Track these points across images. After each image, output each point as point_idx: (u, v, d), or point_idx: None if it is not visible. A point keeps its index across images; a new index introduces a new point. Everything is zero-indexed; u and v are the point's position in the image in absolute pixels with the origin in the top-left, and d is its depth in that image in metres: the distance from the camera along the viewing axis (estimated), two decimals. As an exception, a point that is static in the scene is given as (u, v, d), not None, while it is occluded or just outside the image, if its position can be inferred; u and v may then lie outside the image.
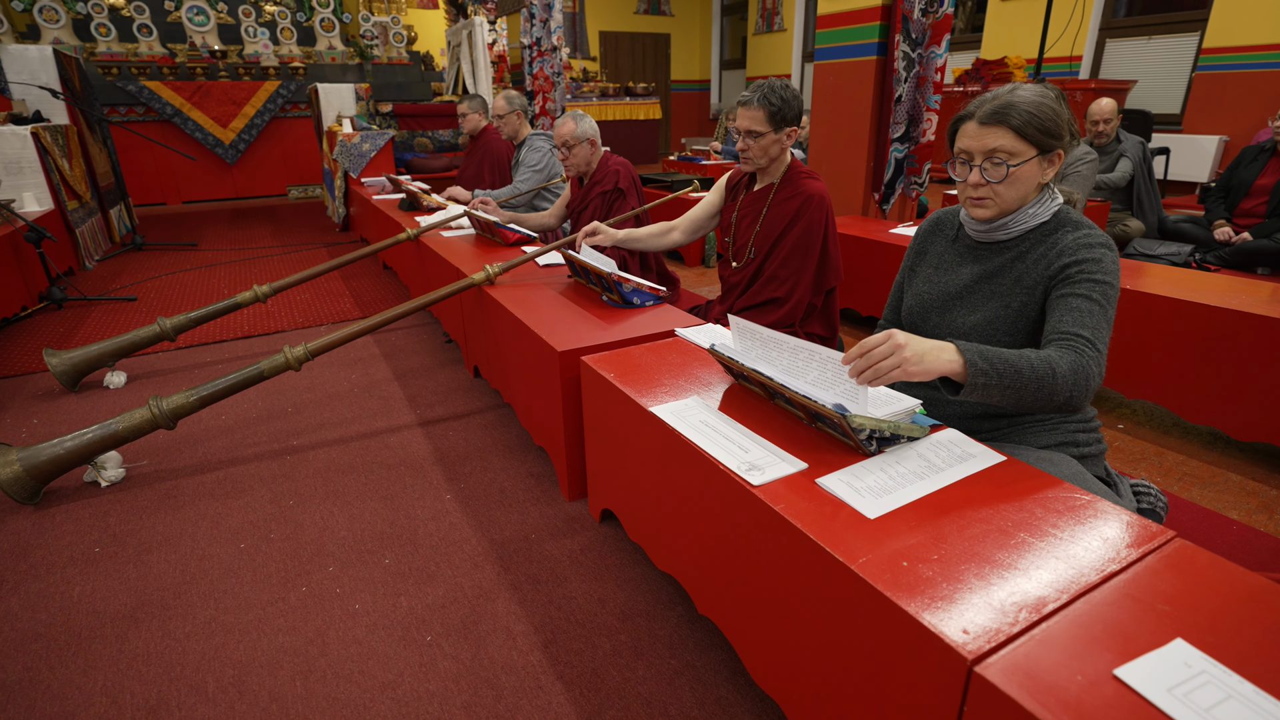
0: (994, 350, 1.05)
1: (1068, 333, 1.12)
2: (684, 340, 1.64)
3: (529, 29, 5.89)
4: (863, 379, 1.03)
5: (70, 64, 4.77)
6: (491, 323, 2.10)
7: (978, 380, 1.02)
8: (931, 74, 3.21)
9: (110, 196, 5.08)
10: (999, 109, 1.20)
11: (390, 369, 2.65)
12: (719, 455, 1.10)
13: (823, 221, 2.02)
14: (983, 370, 1.02)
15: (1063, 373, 1.05)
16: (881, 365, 1.00)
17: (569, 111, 2.81)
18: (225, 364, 2.73)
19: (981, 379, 1.02)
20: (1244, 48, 5.84)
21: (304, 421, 2.21)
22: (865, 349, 1.03)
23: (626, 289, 1.87)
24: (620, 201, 2.85)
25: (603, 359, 1.51)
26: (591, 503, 1.67)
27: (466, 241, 2.84)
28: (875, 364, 1.01)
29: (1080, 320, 1.13)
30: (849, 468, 1.04)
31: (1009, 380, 1.03)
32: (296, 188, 7.40)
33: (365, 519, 1.68)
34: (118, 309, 3.44)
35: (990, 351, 1.04)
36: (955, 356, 1.03)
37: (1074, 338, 1.11)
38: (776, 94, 1.94)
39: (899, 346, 1.00)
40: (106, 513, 1.73)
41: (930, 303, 1.39)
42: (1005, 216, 1.25)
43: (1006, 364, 1.03)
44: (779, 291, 2.05)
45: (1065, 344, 1.11)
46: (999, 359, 1.04)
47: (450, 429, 2.15)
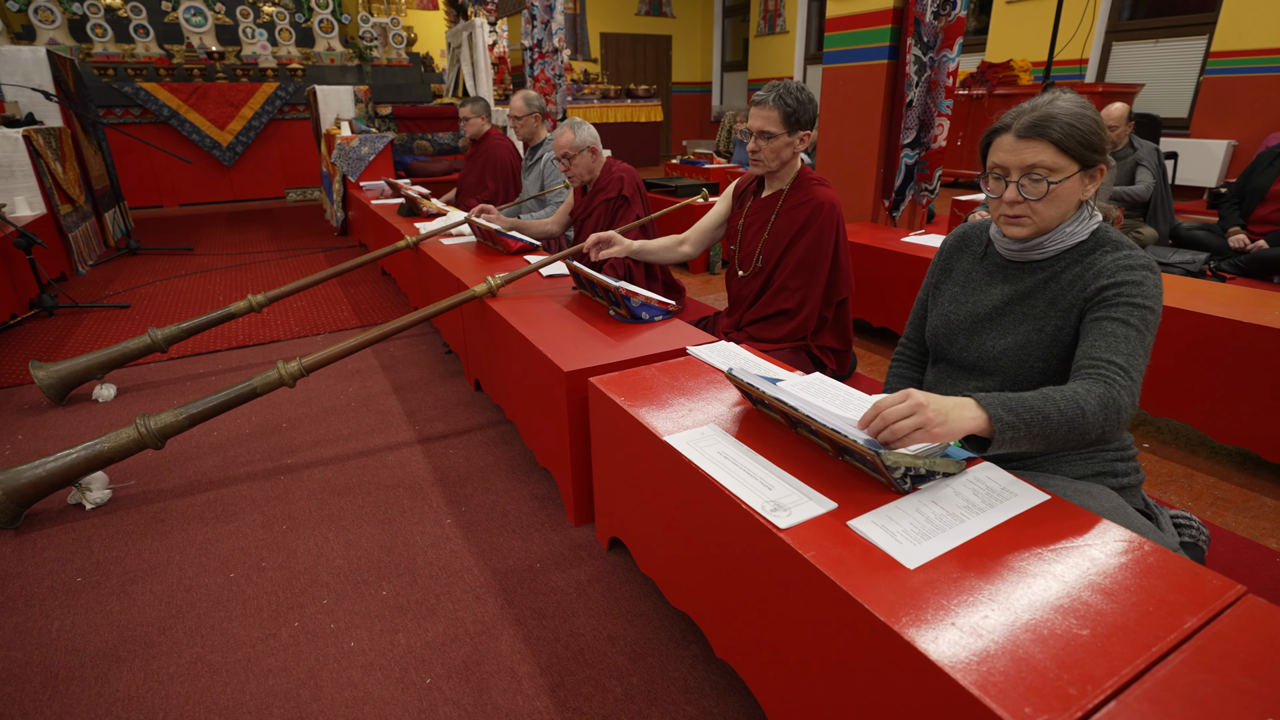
0: (1016, 398, 0.99)
1: (1099, 359, 1.05)
2: (696, 359, 1.56)
3: (530, 30, 5.82)
4: (881, 438, 0.95)
5: (65, 65, 4.69)
6: (494, 336, 2.03)
7: (1005, 435, 0.96)
8: (943, 78, 3.13)
9: (105, 199, 5.00)
10: (1038, 121, 1.12)
11: (388, 381, 2.57)
12: (741, 493, 1.02)
13: (834, 230, 1.95)
14: (1009, 424, 0.96)
15: (1092, 410, 0.99)
16: (900, 426, 0.93)
17: (567, 120, 2.74)
18: (218, 375, 2.65)
19: (1009, 433, 0.96)
20: (1253, 51, 5.78)
21: (298, 438, 2.13)
22: (882, 409, 0.95)
23: (635, 303, 1.79)
24: (625, 209, 2.78)
25: (612, 380, 1.43)
26: (599, 529, 1.59)
27: (467, 250, 2.76)
28: (891, 424, 0.93)
29: (1113, 346, 1.06)
30: (882, 508, 0.97)
31: (1037, 428, 0.97)
32: (294, 190, 7.32)
33: (362, 545, 1.60)
34: (110, 317, 3.36)
35: (1013, 400, 0.98)
36: (978, 412, 0.97)
37: (1105, 365, 1.04)
38: (792, 95, 1.87)
39: (920, 406, 0.93)
40: (90, 538, 1.65)
41: (957, 324, 1.31)
42: (1042, 235, 1.18)
43: (1033, 411, 0.97)
44: (789, 303, 1.98)
45: (1095, 373, 1.05)
46: (1024, 408, 0.98)
47: (450, 447, 2.07)
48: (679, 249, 2.16)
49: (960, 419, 0.95)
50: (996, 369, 1.24)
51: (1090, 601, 0.78)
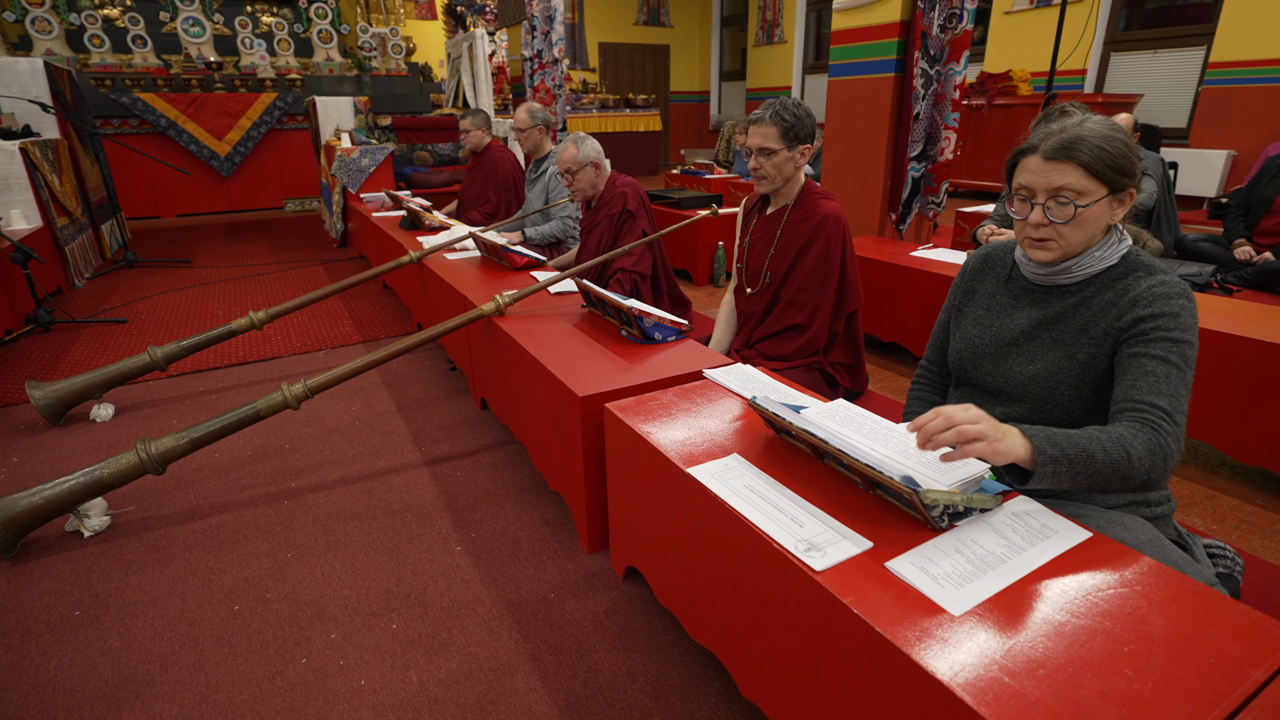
0: (1062, 434, 0.97)
1: (1142, 403, 1.03)
2: (713, 383, 1.53)
3: (530, 41, 5.81)
4: (943, 439, 0.92)
5: (62, 76, 4.65)
6: (503, 356, 1.99)
7: (1047, 469, 0.94)
8: (950, 91, 3.12)
9: (102, 211, 4.96)
10: (1067, 143, 1.09)
11: (393, 399, 2.53)
12: (771, 531, 0.98)
13: (840, 242, 1.93)
14: (1052, 458, 0.94)
15: (1138, 454, 0.97)
16: (967, 429, 0.90)
17: (570, 135, 2.71)
18: (218, 393, 2.60)
19: (1051, 466, 0.94)
20: (1252, 62, 5.80)
21: (302, 460, 2.08)
22: (944, 412, 0.93)
23: (648, 324, 1.76)
24: (630, 223, 2.75)
25: (629, 406, 1.40)
26: (614, 558, 1.55)
27: (472, 265, 2.73)
28: (959, 425, 0.91)
29: (1156, 387, 1.03)
30: (919, 548, 0.93)
31: (1080, 466, 0.95)
32: (293, 201, 7.28)
33: (370, 575, 1.56)
34: (107, 332, 3.31)
35: (1058, 436, 0.96)
36: (1023, 440, 0.94)
37: (1149, 409, 1.02)
38: (789, 110, 1.87)
39: (984, 417, 0.91)
40: (89, 568, 1.60)
41: (982, 348, 1.28)
42: (1069, 259, 1.15)
43: (1077, 449, 0.95)
44: (799, 317, 1.95)
45: (1139, 417, 1.02)
46: (1069, 444, 0.95)
47: (458, 469, 2.03)
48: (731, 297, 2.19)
49: (1012, 442, 0.93)
50: (1024, 395, 1.21)
51: (1147, 652, 0.75)
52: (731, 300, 2.26)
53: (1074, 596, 0.83)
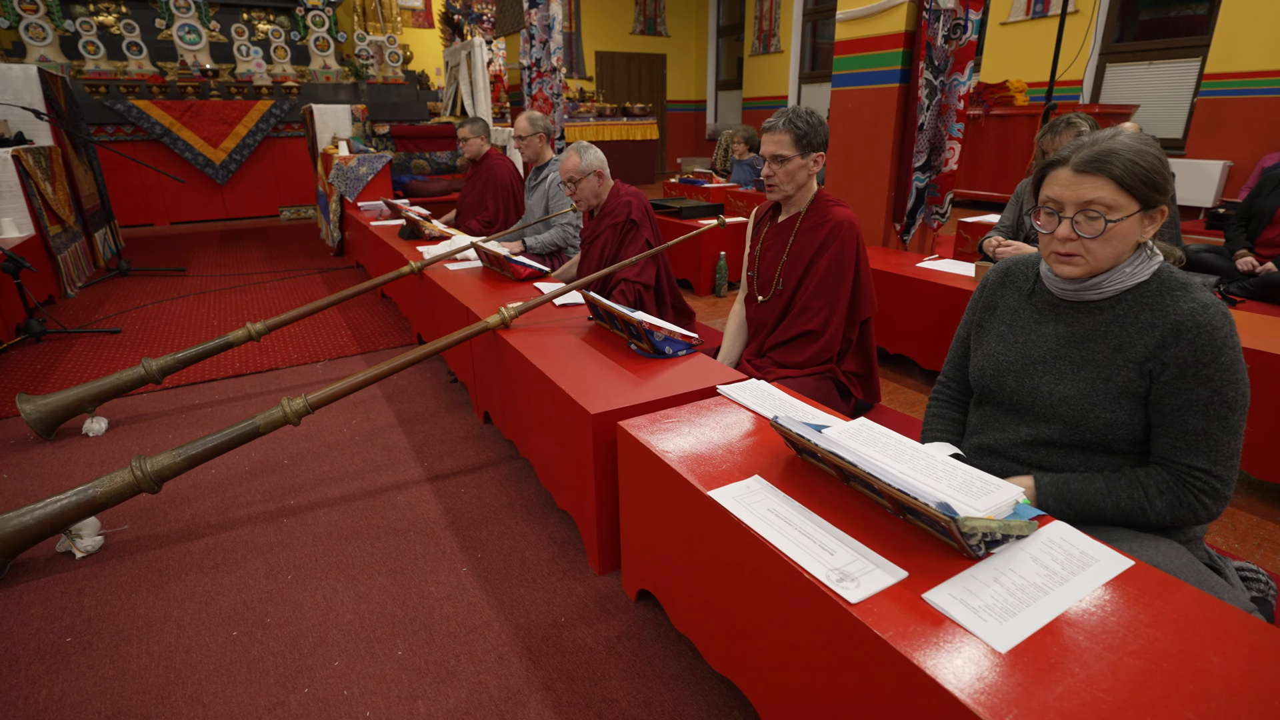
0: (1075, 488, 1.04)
1: (1178, 464, 1.06)
2: (728, 399, 1.49)
3: (528, 50, 5.80)
4: None
5: (56, 83, 4.60)
6: (508, 370, 1.95)
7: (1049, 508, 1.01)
8: (954, 102, 3.11)
9: (95, 219, 4.90)
10: (1098, 156, 1.06)
11: (393, 413, 2.48)
12: (800, 559, 0.94)
13: (854, 248, 1.91)
14: (1055, 510, 1.00)
15: (1157, 511, 1.02)
16: None
17: (573, 144, 2.69)
18: (214, 406, 2.55)
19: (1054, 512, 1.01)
20: (1246, 73, 5.84)
21: (301, 476, 2.03)
22: None
23: (658, 338, 1.72)
24: (633, 233, 2.72)
25: (642, 424, 1.36)
26: (626, 580, 1.50)
27: (474, 275, 2.69)
28: None
29: (1195, 446, 1.04)
30: (956, 578, 0.89)
31: (1088, 516, 1.02)
32: (288, 209, 7.23)
33: (373, 598, 1.51)
34: (100, 342, 3.25)
35: (1069, 490, 1.04)
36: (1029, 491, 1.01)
37: (1186, 471, 1.05)
38: (802, 118, 1.86)
39: None
40: (81, 591, 1.54)
41: (1006, 365, 1.25)
42: (1097, 275, 1.12)
43: (1086, 503, 1.01)
44: (812, 324, 1.93)
45: (1175, 476, 1.05)
46: (1078, 499, 1.02)
47: (461, 485, 1.98)
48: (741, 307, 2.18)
49: None
50: (1054, 416, 1.17)
51: (1208, 693, 0.71)
52: (741, 311, 2.23)
53: (1124, 632, 0.80)
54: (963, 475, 1.04)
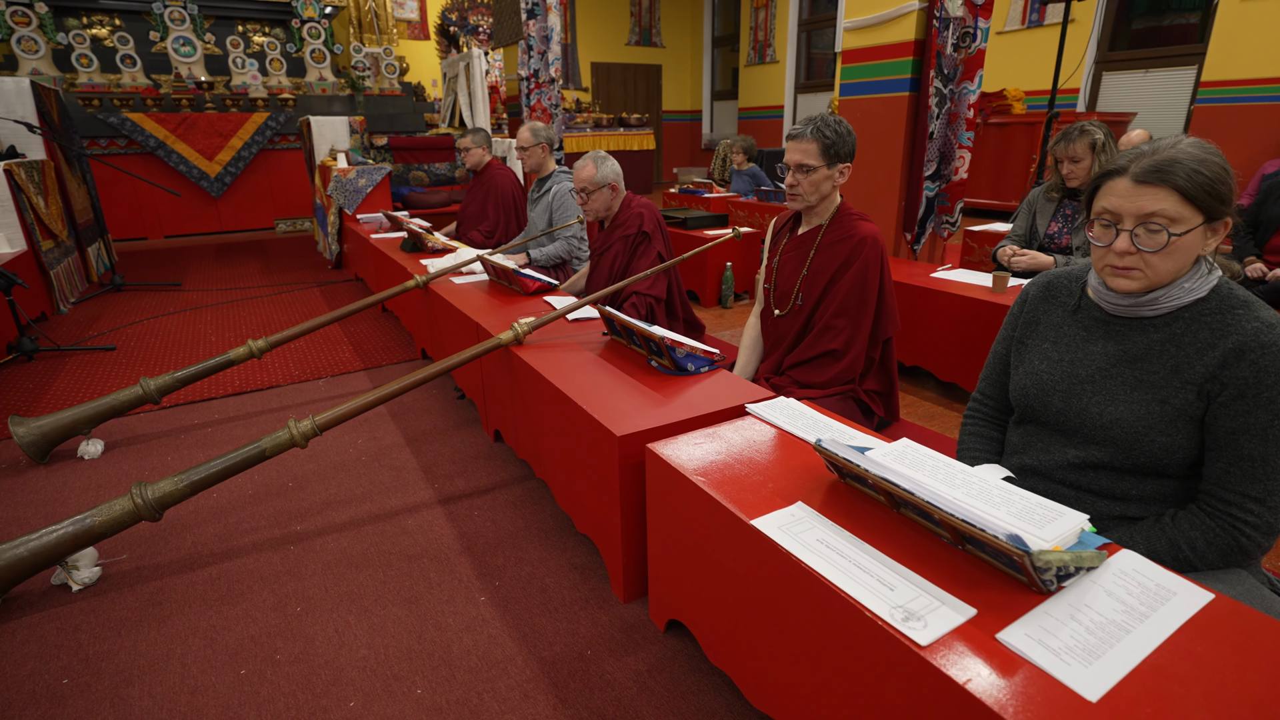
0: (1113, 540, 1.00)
1: (1231, 493, 1.01)
2: (758, 418, 1.43)
3: (526, 61, 5.78)
4: None
5: (49, 96, 4.53)
6: (522, 388, 1.88)
7: None
8: (964, 110, 3.09)
9: (88, 234, 4.82)
10: (1160, 165, 1.01)
11: (400, 431, 2.41)
12: (859, 595, 0.88)
13: (878, 265, 1.86)
14: None
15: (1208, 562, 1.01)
16: None
17: (590, 154, 2.65)
18: (214, 426, 2.47)
19: None
20: (1243, 81, 5.87)
21: (307, 499, 1.96)
22: None
23: (680, 354, 1.66)
24: (645, 245, 2.67)
25: (673, 446, 1.30)
26: (653, 609, 1.44)
27: (480, 289, 2.63)
28: None
29: (1251, 473, 1.00)
30: (1030, 615, 0.83)
31: None
32: (285, 221, 7.16)
33: (388, 630, 1.44)
34: (95, 360, 3.17)
35: None
36: None
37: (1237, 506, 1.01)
38: (830, 127, 1.80)
39: None
40: (78, 627, 1.46)
41: (1051, 385, 1.19)
42: (1154, 291, 1.07)
43: None
44: (835, 343, 1.87)
45: (1223, 511, 1.02)
46: None
47: (474, 508, 1.91)
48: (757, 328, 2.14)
49: None
50: (1105, 439, 1.12)
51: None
52: (756, 324, 2.18)
53: (1221, 677, 0.74)
54: (1021, 501, 0.99)
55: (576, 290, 2.99)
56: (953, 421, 2.46)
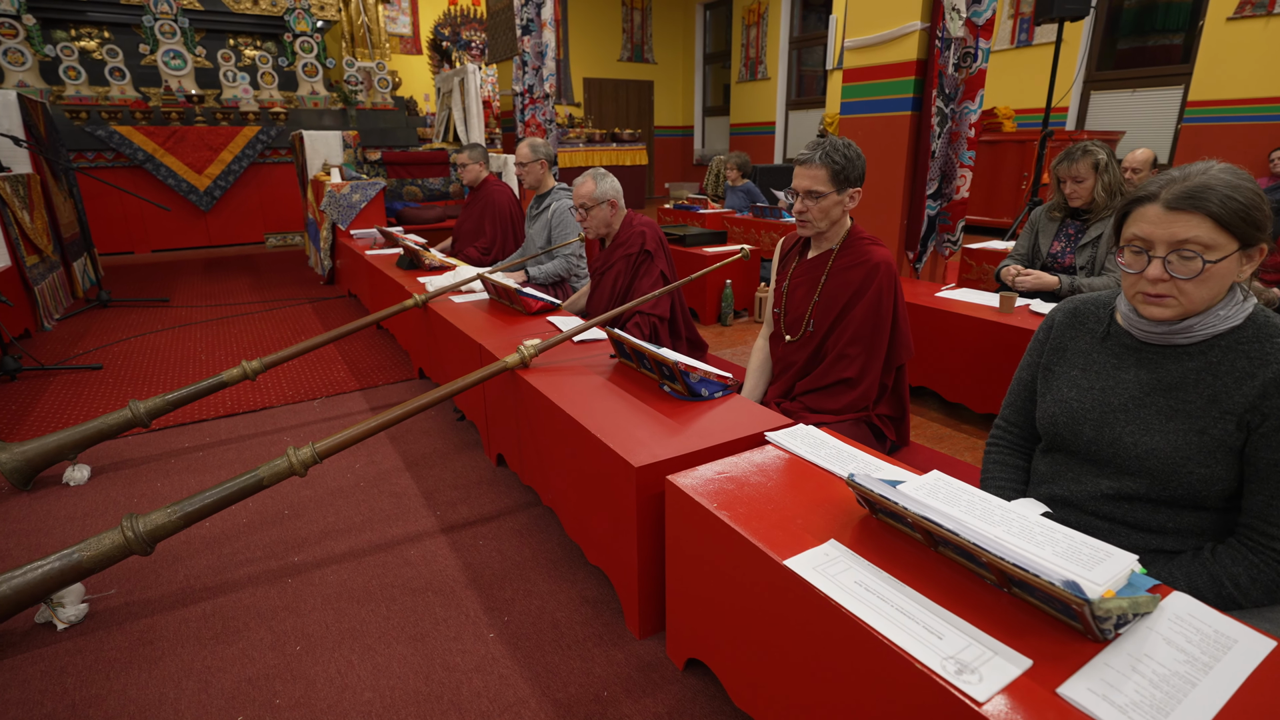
0: None
1: (1274, 529, 0.99)
2: (779, 447, 1.39)
3: (521, 76, 5.77)
4: None
5: (36, 109, 4.45)
6: (529, 413, 1.83)
7: None
8: (965, 129, 3.09)
9: (74, 248, 4.72)
10: (1194, 191, 0.99)
11: (399, 454, 2.34)
12: (905, 644, 0.84)
13: (892, 292, 1.84)
14: None
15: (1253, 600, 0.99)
16: None
17: (590, 170, 2.62)
18: (206, 449, 2.39)
19: None
20: (1229, 101, 5.96)
21: (305, 528, 1.89)
22: None
23: (694, 379, 1.62)
24: (648, 264, 2.64)
25: (693, 479, 1.25)
26: (671, 647, 1.38)
27: (480, 308, 2.58)
28: None
29: None
30: (1089, 666, 0.79)
31: None
32: (275, 235, 7.08)
33: (393, 671, 1.37)
34: (81, 380, 3.08)
35: None
36: None
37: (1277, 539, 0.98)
38: (839, 152, 1.78)
39: None
40: (63, 670, 1.38)
41: (1082, 413, 1.16)
42: (1188, 319, 1.04)
43: None
44: (849, 371, 1.84)
45: (1266, 546, 0.99)
46: None
47: (479, 536, 1.85)
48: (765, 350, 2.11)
49: None
50: (1140, 470, 1.09)
51: None
52: (765, 347, 2.15)
53: (1299, 735, 0.70)
54: (1065, 540, 0.95)
55: (577, 309, 2.95)
56: (961, 443, 2.43)
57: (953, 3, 2.86)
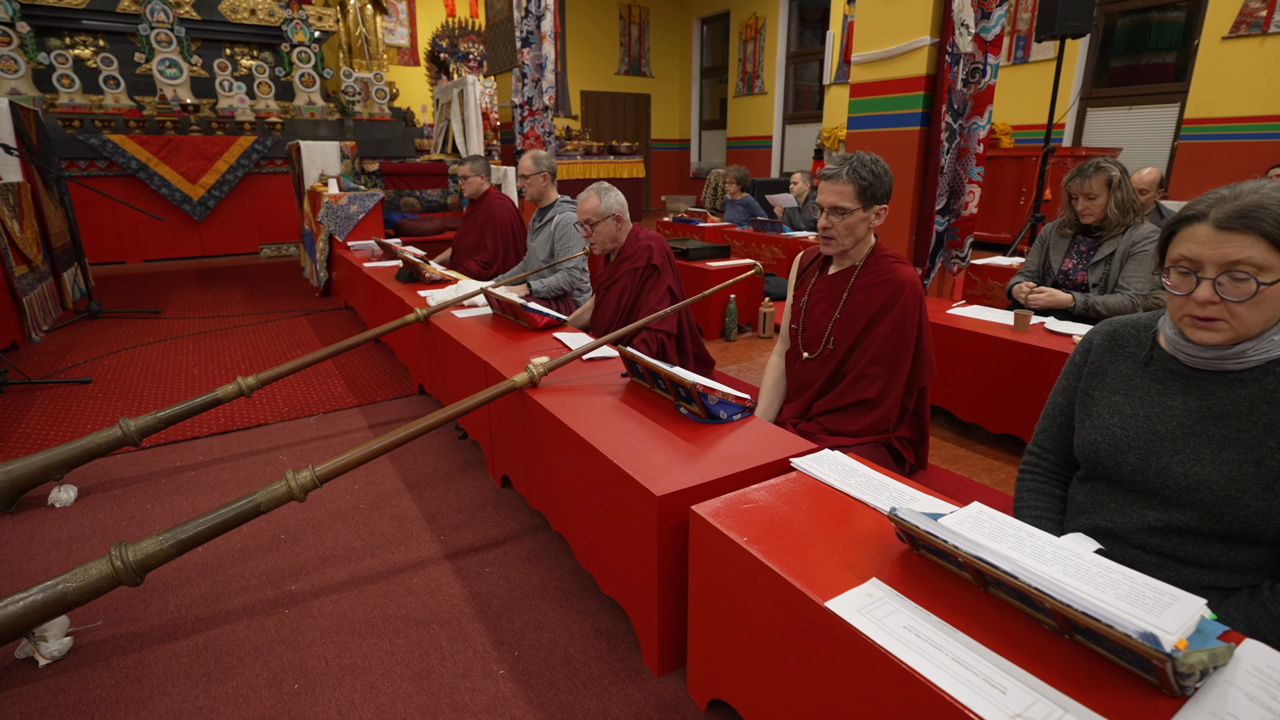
0: None
1: None
2: (806, 475, 1.33)
3: (520, 88, 5.75)
4: None
5: (28, 117, 4.38)
6: (538, 435, 1.76)
7: None
8: (974, 145, 3.07)
9: (64, 258, 4.63)
10: (1245, 211, 0.95)
11: (399, 475, 2.27)
12: (967, 699, 0.77)
13: (916, 312, 1.79)
14: None
15: None
16: None
17: (594, 184, 2.57)
18: (199, 469, 2.31)
19: None
20: (1225, 119, 6.01)
21: (302, 554, 1.81)
22: None
23: (712, 401, 1.56)
24: (655, 278, 2.59)
25: (720, 510, 1.18)
26: (693, 686, 1.31)
27: (483, 323, 2.51)
28: None
29: None
30: (1169, 726, 0.73)
31: None
32: (269, 246, 7.00)
33: (398, 711, 1.29)
34: (69, 394, 2.99)
35: None
36: None
37: None
38: (866, 168, 1.75)
39: None
40: (45, 711, 1.30)
41: (1125, 441, 1.11)
42: (1242, 343, 0.99)
43: None
44: (869, 392, 1.79)
45: None
46: None
47: (485, 563, 1.77)
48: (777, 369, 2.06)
49: None
50: (1190, 501, 1.04)
51: None
52: (780, 365, 2.09)
53: None
54: (1125, 582, 0.89)
55: (581, 324, 2.89)
56: (977, 464, 2.38)
57: (962, 18, 2.84)
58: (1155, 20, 6.78)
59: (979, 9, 2.89)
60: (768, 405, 2.06)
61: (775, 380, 2.08)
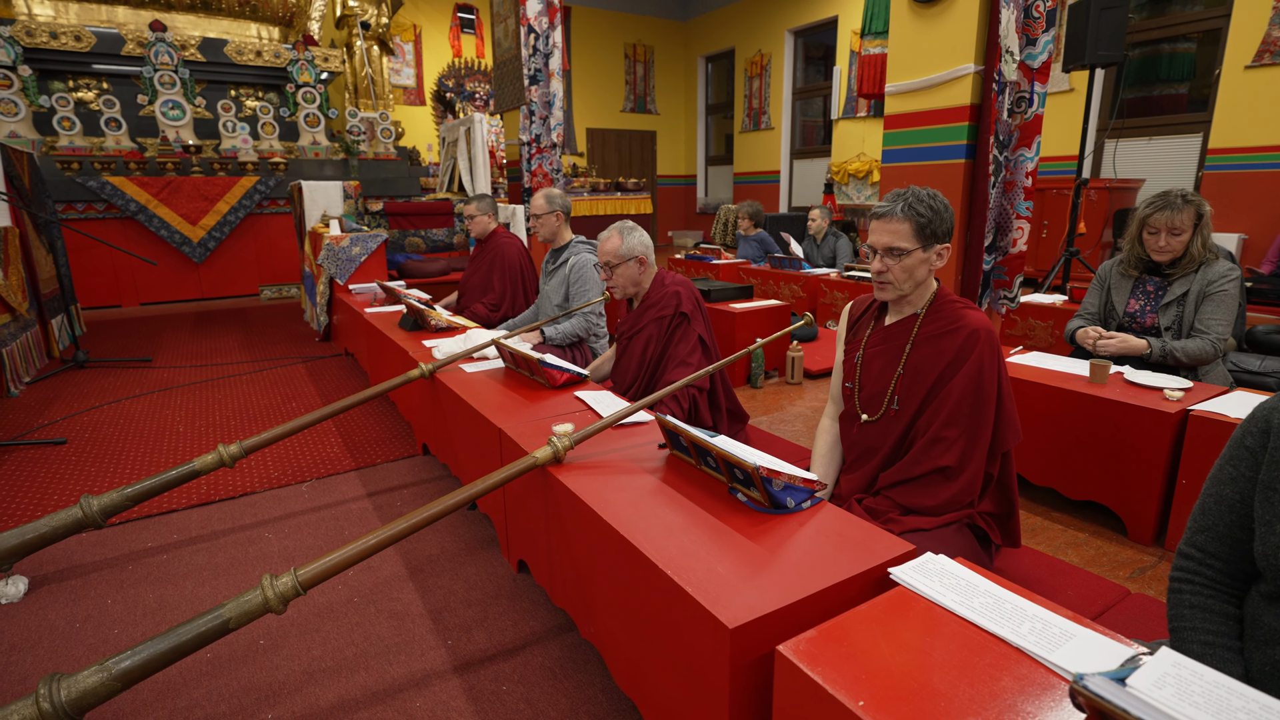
0: None
1: None
2: (914, 592, 1.05)
3: (528, 126, 5.62)
4: None
5: (21, 160, 4.21)
6: (564, 520, 1.49)
7: None
8: (1021, 178, 2.85)
9: (52, 305, 4.41)
10: None
11: (399, 556, 1.98)
12: None
13: (995, 364, 1.54)
14: None
15: None
16: None
17: (616, 224, 2.35)
18: (172, 550, 2.03)
19: None
20: (1251, 149, 5.84)
21: (284, 667, 1.52)
22: None
23: (777, 487, 1.29)
24: (684, 327, 2.34)
25: (818, 653, 0.91)
26: None
27: (495, 379, 2.26)
28: None
29: None
30: None
31: None
32: (270, 288, 6.81)
33: None
34: (39, 457, 2.72)
35: None
36: None
37: None
38: (924, 203, 1.52)
39: None
40: None
41: None
42: None
43: None
44: (946, 459, 1.53)
45: None
46: None
47: (501, 678, 1.48)
48: (830, 433, 1.83)
49: None
50: None
51: None
52: (833, 429, 1.83)
53: None
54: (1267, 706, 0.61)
55: (600, 376, 2.63)
56: (1059, 537, 2.08)
57: (1007, 45, 2.65)
58: (1166, 52, 6.71)
59: (1024, 35, 2.70)
60: (822, 477, 1.79)
61: (829, 447, 1.82)
